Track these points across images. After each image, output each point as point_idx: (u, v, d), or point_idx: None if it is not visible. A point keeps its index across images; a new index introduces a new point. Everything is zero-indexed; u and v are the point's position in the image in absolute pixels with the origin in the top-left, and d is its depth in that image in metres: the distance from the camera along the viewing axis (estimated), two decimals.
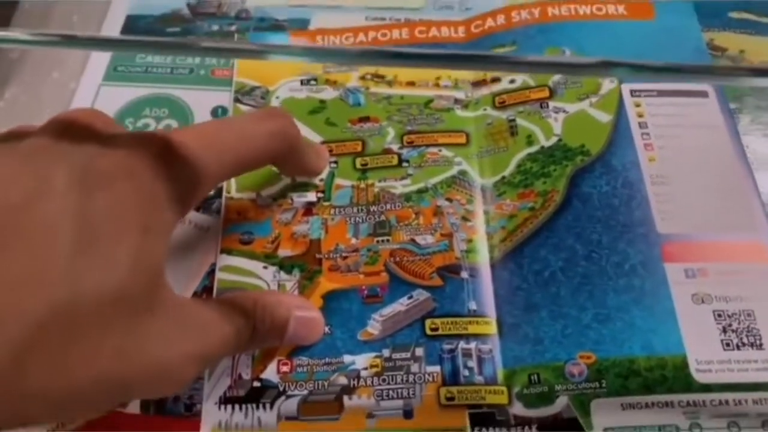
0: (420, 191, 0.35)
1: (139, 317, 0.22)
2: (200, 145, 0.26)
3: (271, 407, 0.30)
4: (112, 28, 0.43)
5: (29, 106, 0.40)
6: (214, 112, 0.39)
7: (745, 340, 0.30)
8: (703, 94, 0.37)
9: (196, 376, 0.25)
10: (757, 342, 0.30)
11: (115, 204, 0.22)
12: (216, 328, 0.26)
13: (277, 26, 0.42)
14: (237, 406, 0.30)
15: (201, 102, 0.39)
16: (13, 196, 0.20)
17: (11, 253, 0.19)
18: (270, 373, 0.30)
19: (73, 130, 0.24)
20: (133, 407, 0.30)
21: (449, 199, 0.35)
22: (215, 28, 0.43)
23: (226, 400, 0.30)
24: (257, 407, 0.30)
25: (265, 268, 0.33)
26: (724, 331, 0.30)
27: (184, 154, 0.25)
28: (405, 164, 0.36)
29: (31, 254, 0.19)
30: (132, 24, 0.43)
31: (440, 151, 0.36)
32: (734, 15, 0.41)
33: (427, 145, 0.37)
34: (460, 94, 0.39)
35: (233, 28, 0.43)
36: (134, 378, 0.22)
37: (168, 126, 0.38)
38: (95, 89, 0.40)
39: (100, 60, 0.41)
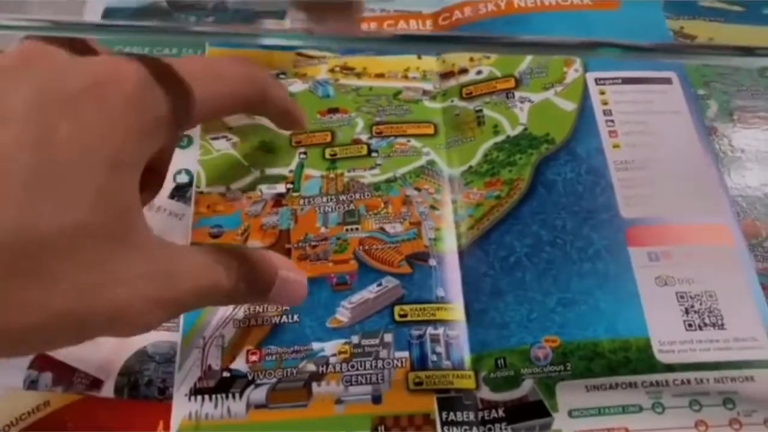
0: (389, 181, 0.35)
1: (103, 254, 0.21)
2: (177, 76, 0.24)
3: (241, 396, 0.30)
4: None
5: None
6: None
7: (707, 320, 0.30)
8: (667, 81, 0.37)
9: (160, 322, 0.24)
10: (719, 322, 0.30)
11: (81, 134, 0.20)
12: (192, 277, 0.24)
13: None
14: (207, 397, 0.30)
15: None
16: None
17: None
18: (239, 363, 0.31)
19: (43, 51, 0.22)
20: (107, 391, 0.30)
21: (418, 189, 0.35)
22: (192, 19, 0.43)
23: (196, 392, 0.30)
24: (227, 397, 0.30)
25: None
26: (687, 312, 0.31)
27: (161, 82, 0.23)
28: (374, 154, 0.36)
29: None
30: (110, 16, 0.43)
31: (409, 141, 0.37)
32: (705, 3, 0.42)
33: (396, 136, 0.37)
34: (428, 86, 0.39)
35: (211, 19, 0.43)
36: (92, 317, 0.21)
37: None
38: None
39: None
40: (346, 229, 0.34)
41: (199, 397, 0.30)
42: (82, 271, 0.20)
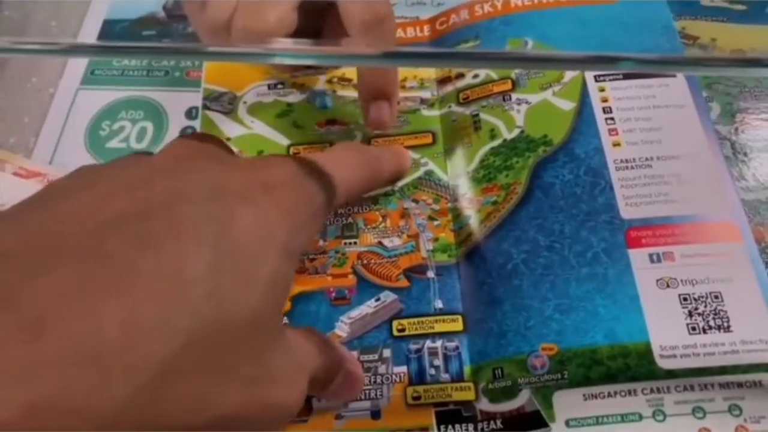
0: (387, 194, 0.35)
1: (267, 346, 0.20)
2: (324, 169, 0.25)
3: None
4: (90, 33, 0.44)
5: (9, 112, 0.41)
6: (189, 113, 0.40)
7: (711, 323, 0.29)
8: (671, 74, 0.36)
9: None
10: (725, 324, 0.29)
11: (258, 219, 0.20)
12: (306, 367, 0.23)
13: None
14: None
15: (176, 103, 0.40)
16: (152, 195, 0.18)
17: (154, 252, 0.17)
18: None
19: (203, 147, 0.22)
20: None
21: (416, 201, 0.35)
22: (190, 30, 0.43)
23: None
24: None
25: None
26: (690, 315, 0.30)
27: (314, 175, 0.24)
28: None
29: (176, 257, 0.17)
30: (109, 28, 0.44)
31: None
32: (706, 3, 0.41)
33: None
34: (425, 94, 0.39)
35: None
36: (256, 415, 0.19)
37: (143, 128, 0.39)
38: (73, 93, 0.41)
39: (77, 64, 0.42)
40: (345, 243, 0.34)
41: None
42: (250, 363, 0.19)
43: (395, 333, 0.31)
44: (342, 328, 0.32)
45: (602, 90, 0.36)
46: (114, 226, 0.17)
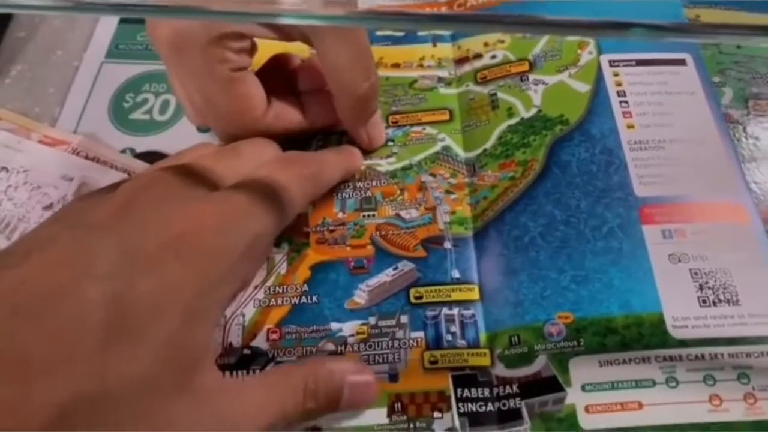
0: (405, 168, 0.36)
1: (166, 406, 0.21)
2: (258, 210, 0.26)
3: (261, 372, 0.31)
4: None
5: (34, 83, 0.41)
6: None
7: (721, 296, 0.30)
8: (681, 62, 0.37)
9: None
10: (734, 298, 0.30)
11: (160, 288, 0.22)
12: (259, 416, 0.25)
13: None
14: (228, 373, 0.31)
15: None
16: (60, 276, 0.21)
17: (44, 337, 0.19)
18: (260, 340, 0.31)
19: (140, 201, 0.24)
20: None
21: (433, 175, 0.36)
22: None
23: (217, 368, 0.31)
24: (247, 373, 0.31)
25: None
26: (701, 288, 0.31)
27: (242, 223, 0.25)
28: (390, 143, 0.37)
29: (61, 339, 0.19)
30: None
31: (424, 129, 0.37)
32: None
33: (412, 125, 0.38)
34: (443, 73, 0.40)
35: None
36: None
37: (166, 101, 0.40)
38: (97, 67, 0.42)
39: (102, 38, 0.43)
40: (363, 215, 0.35)
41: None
42: (146, 423, 0.21)
43: (413, 300, 0.32)
44: (361, 296, 0.32)
45: (616, 75, 0.37)
46: (22, 310, 0.20)
